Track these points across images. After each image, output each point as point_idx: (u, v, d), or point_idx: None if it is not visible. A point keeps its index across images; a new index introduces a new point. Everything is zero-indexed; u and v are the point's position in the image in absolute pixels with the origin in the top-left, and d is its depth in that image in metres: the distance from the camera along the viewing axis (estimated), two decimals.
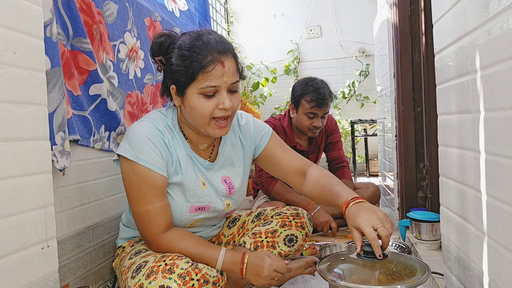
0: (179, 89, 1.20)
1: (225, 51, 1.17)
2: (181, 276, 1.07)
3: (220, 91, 1.17)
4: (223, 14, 4.85)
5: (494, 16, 0.74)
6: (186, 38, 1.19)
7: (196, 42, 1.16)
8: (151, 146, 1.19)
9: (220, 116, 1.19)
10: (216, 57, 1.15)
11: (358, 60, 4.67)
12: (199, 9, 2.69)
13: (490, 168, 0.79)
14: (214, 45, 1.16)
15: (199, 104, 1.17)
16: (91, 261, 1.44)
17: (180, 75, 1.17)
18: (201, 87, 1.15)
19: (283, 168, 1.41)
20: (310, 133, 2.33)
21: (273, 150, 1.43)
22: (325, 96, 2.24)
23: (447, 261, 1.13)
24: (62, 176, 1.28)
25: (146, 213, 1.20)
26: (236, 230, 1.54)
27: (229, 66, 1.17)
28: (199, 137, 1.31)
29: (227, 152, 1.38)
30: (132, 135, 1.21)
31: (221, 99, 1.17)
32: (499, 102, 0.73)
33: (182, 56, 1.16)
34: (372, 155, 4.45)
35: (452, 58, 0.99)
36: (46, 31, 1.13)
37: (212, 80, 1.15)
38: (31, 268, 0.88)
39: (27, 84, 0.88)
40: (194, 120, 1.22)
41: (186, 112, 1.23)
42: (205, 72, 1.14)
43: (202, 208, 1.32)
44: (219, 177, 1.36)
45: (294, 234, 1.44)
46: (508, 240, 0.72)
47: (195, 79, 1.15)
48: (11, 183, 0.83)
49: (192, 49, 1.15)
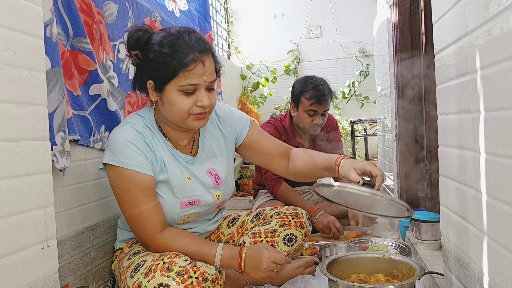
0: (157, 85, 1.21)
1: (206, 50, 1.20)
2: (179, 274, 1.07)
3: (199, 89, 1.20)
4: (223, 14, 4.85)
5: (494, 16, 0.74)
6: (167, 35, 1.20)
7: (177, 40, 1.18)
8: (133, 149, 1.20)
9: (198, 113, 1.21)
10: (197, 56, 1.17)
11: (358, 60, 4.67)
12: (199, 9, 2.69)
13: (490, 168, 0.79)
14: (196, 44, 1.18)
15: (178, 101, 1.19)
16: (91, 261, 1.44)
17: (159, 72, 1.18)
18: (182, 84, 1.17)
19: (267, 153, 1.45)
20: (312, 131, 2.33)
21: (256, 137, 1.47)
22: (324, 93, 2.24)
23: (447, 261, 1.13)
24: (62, 176, 1.28)
25: (139, 215, 1.20)
26: (235, 230, 1.54)
27: (209, 65, 1.20)
28: (178, 133, 1.32)
29: (208, 144, 1.40)
30: (113, 142, 1.22)
31: (200, 97, 1.20)
32: (499, 102, 0.73)
33: (163, 53, 1.17)
34: (372, 155, 4.45)
35: (452, 58, 0.99)
36: (46, 31, 1.13)
37: (193, 79, 1.17)
38: (31, 268, 0.88)
39: (27, 84, 0.88)
40: (172, 115, 1.23)
41: (164, 108, 1.24)
42: (187, 71, 1.16)
43: (192, 203, 1.33)
44: (204, 170, 1.38)
45: (293, 233, 1.44)
46: (508, 240, 0.72)
47: (176, 76, 1.17)
48: (11, 183, 0.83)
49: (174, 47, 1.17)
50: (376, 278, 1.17)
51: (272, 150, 1.45)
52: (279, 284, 1.45)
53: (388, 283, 1.13)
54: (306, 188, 2.54)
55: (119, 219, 1.46)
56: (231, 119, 1.45)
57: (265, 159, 1.47)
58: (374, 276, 1.18)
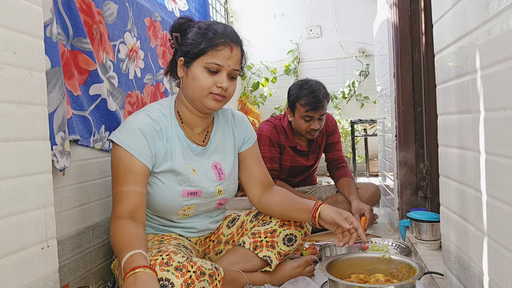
0: (186, 61, 1.31)
1: (237, 41, 1.32)
2: (177, 268, 1.09)
3: (221, 72, 1.29)
4: (223, 14, 4.85)
5: (494, 16, 0.74)
6: (206, 22, 1.35)
7: (214, 26, 1.31)
8: (138, 135, 1.26)
9: (217, 93, 1.29)
10: (227, 41, 1.29)
11: (358, 60, 4.67)
12: (199, 9, 2.69)
13: (490, 168, 0.79)
14: (229, 33, 1.31)
15: (202, 77, 1.28)
16: (91, 261, 1.44)
17: (191, 48, 1.29)
18: (207, 62, 1.27)
19: (251, 174, 1.52)
20: (309, 136, 2.32)
21: (251, 155, 1.54)
22: (319, 99, 2.21)
23: (447, 261, 1.13)
24: (62, 176, 1.28)
25: (117, 195, 1.25)
26: (235, 230, 1.54)
27: (236, 54, 1.31)
28: (195, 118, 1.38)
29: (219, 139, 1.46)
30: (125, 124, 1.30)
31: (221, 79, 1.28)
32: (499, 102, 0.73)
33: (199, 33, 1.29)
34: (372, 155, 4.45)
35: (452, 58, 0.99)
36: (46, 31, 1.13)
37: (219, 59, 1.27)
38: (31, 268, 0.88)
39: (27, 84, 0.88)
40: (192, 91, 1.30)
41: (187, 83, 1.32)
42: (215, 50, 1.27)
43: (194, 193, 1.36)
44: (210, 162, 1.42)
45: (293, 233, 1.45)
46: (508, 240, 0.72)
47: (204, 54, 1.27)
48: (11, 183, 0.83)
49: (209, 29, 1.29)
50: (376, 278, 1.17)
51: (257, 175, 1.52)
52: (279, 284, 1.45)
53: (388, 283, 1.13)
54: (306, 189, 2.54)
55: None
56: (244, 127, 1.53)
57: (246, 179, 1.53)
58: (374, 276, 1.19)
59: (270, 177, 1.56)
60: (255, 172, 1.52)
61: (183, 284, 1.07)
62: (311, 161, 2.49)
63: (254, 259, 1.42)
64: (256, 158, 1.54)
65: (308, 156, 2.45)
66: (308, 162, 2.47)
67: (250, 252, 1.42)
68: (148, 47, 1.91)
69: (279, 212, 1.45)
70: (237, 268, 1.39)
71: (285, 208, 1.43)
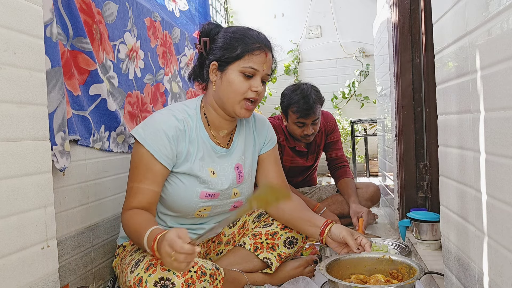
0: (220, 65, 1.32)
1: (270, 47, 1.36)
2: None
3: (256, 76, 1.31)
4: (223, 14, 4.85)
5: (494, 16, 0.74)
6: (239, 27, 1.37)
7: (248, 31, 1.34)
8: (161, 136, 1.27)
9: (251, 97, 1.31)
10: (262, 47, 1.32)
11: (358, 60, 4.67)
12: (199, 9, 2.69)
13: (490, 168, 0.79)
14: (263, 39, 1.35)
15: (238, 81, 1.29)
16: (91, 261, 1.44)
17: (226, 52, 1.30)
18: (244, 66, 1.29)
19: (267, 178, 1.51)
20: (304, 140, 2.31)
21: (270, 158, 1.53)
22: (310, 106, 2.17)
23: (447, 261, 1.13)
24: (62, 176, 1.28)
25: (131, 189, 1.27)
26: (236, 230, 1.54)
27: (269, 59, 1.34)
28: (222, 121, 1.39)
29: (241, 142, 1.46)
30: (149, 122, 1.31)
31: (255, 83, 1.31)
32: (499, 102, 0.73)
33: (234, 38, 1.31)
34: (372, 155, 4.45)
35: (452, 58, 0.99)
36: (46, 31, 1.13)
37: (255, 63, 1.29)
38: (31, 268, 0.88)
39: (27, 84, 0.88)
40: (227, 95, 1.31)
41: (221, 87, 1.32)
42: (252, 55, 1.29)
43: (212, 196, 1.36)
44: (233, 163, 1.42)
45: (294, 236, 1.45)
46: (508, 240, 0.72)
47: (241, 58, 1.29)
48: (11, 183, 0.83)
49: (245, 34, 1.32)
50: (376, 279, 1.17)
51: (273, 179, 1.51)
52: (279, 284, 1.45)
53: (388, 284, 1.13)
54: (306, 189, 2.54)
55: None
56: (265, 130, 1.54)
57: (263, 181, 1.52)
58: (374, 277, 1.18)
59: (286, 182, 1.56)
60: (271, 175, 1.51)
61: (184, 284, 1.08)
62: (310, 161, 2.48)
63: (254, 260, 1.42)
64: (274, 162, 1.54)
65: (307, 156, 2.45)
66: (307, 163, 2.47)
67: (251, 253, 1.42)
68: (148, 47, 1.91)
69: (285, 220, 1.44)
70: (237, 269, 1.39)
71: (293, 217, 1.41)
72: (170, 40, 2.18)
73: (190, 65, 2.41)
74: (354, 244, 1.25)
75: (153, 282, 1.07)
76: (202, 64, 1.39)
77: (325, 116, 2.47)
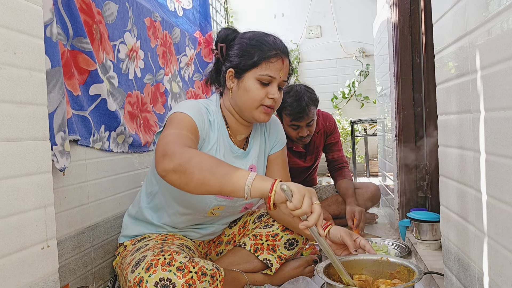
0: (237, 72, 1.31)
1: (286, 53, 1.34)
2: (179, 269, 1.09)
3: (273, 83, 1.30)
4: (223, 14, 4.85)
5: (494, 16, 0.74)
6: (256, 33, 1.35)
7: (265, 37, 1.32)
8: (197, 109, 1.27)
9: (268, 105, 1.30)
10: (279, 53, 1.30)
11: (358, 60, 4.67)
12: (199, 9, 2.69)
13: (490, 168, 0.79)
14: (280, 45, 1.33)
15: (254, 88, 1.28)
16: (91, 261, 1.44)
17: (243, 59, 1.29)
18: (261, 74, 1.27)
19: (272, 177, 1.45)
20: (300, 142, 2.30)
21: (277, 160, 1.51)
22: (302, 109, 2.15)
23: (447, 261, 1.13)
24: (62, 176, 1.28)
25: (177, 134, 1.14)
26: (237, 230, 1.54)
27: (286, 65, 1.33)
28: (239, 126, 1.39)
29: (256, 143, 1.46)
30: (184, 103, 1.30)
31: (272, 90, 1.29)
32: (499, 102, 0.73)
33: (251, 45, 1.30)
34: (372, 155, 4.45)
35: (452, 58, 0.99)
36: (46, 31, 1.13)
37: (272, 71, 1.28)
38: (31, 268, 0.88)
39: (27, 84, 0.88)
40: (243, 102, 1.30)
41: (238, 94, 1.31)
42: (268, 62, 1.28)
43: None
44: (248, 165, 1.42)
45: (295, 238, 1.45)
46: (508, 240, 0.72)
47: (257, 66, 1.28)
48: (11, 183, 0.83)
49: (261, 41, 1.31)
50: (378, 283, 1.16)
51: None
52: (279, 284, 1.45)
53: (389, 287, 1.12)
54: None
55: (131, 206, 1.46)
56: (276, 131, 1.53)
57: None
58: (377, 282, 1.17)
59: None
60: (276, 177, 1.47)
61: (184, 285, 1.07)
62: (309, 162, 2.48)
63: (255, 261, 1.42)
64: (281, 164, 1.52)
65: (305, 157, 2.45)
66: (306, 163, 2.46)
67: (251, 254, 1.42)
68: (148, 47, 1.91)
69: (286, 221, 1.44)
70: (237, 269, 1.39)
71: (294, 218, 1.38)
72: (170, 40, 2.18)
73: (190, 65, 2.41)
74: (352, 245, 1.25)
75: (154, 283, 1.07)
76: (218, 70, 1.38)
77: (324, 117, 2.47)
